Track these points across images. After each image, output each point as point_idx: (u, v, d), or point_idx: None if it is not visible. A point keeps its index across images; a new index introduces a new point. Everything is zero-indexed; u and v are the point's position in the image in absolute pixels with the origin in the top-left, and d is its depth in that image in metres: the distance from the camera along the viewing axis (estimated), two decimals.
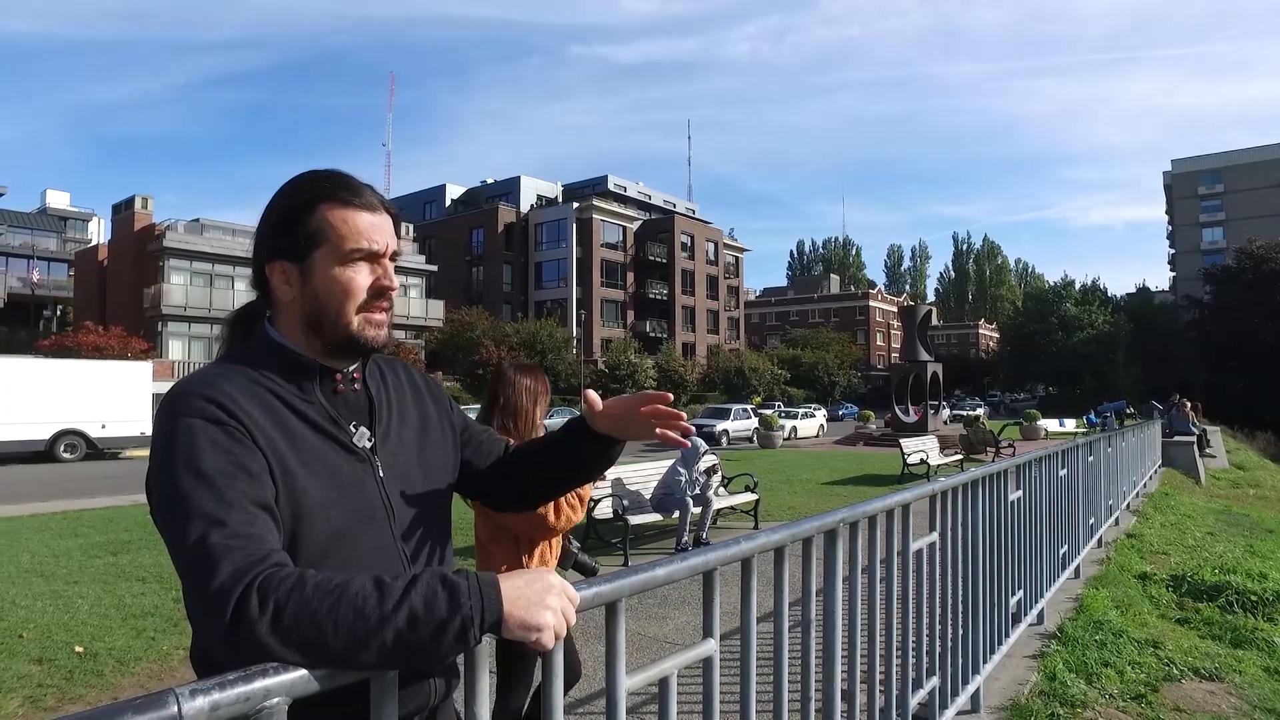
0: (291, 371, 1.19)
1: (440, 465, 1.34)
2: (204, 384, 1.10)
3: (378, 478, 1.20)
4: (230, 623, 0.89)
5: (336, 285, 1.18)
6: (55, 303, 46.35)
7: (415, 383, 1.40)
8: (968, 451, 17.69)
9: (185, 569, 0.97)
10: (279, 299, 1.22)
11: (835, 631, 2.13)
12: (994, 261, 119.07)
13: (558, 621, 0.98)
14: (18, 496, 13.20)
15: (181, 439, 1.03)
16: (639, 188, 67.14)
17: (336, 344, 1.20)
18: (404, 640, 0.89)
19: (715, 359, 57.00)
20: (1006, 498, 3.93)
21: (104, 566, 7.16)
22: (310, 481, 1.11)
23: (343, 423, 1.20)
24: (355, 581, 0.91)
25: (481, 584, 0.94)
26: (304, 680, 0.87)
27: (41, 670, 4.44)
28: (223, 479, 1.00)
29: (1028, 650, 4.39)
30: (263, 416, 1.10)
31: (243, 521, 0.98)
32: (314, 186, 1.21)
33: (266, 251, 1.22)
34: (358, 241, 1.18)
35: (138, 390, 24.29)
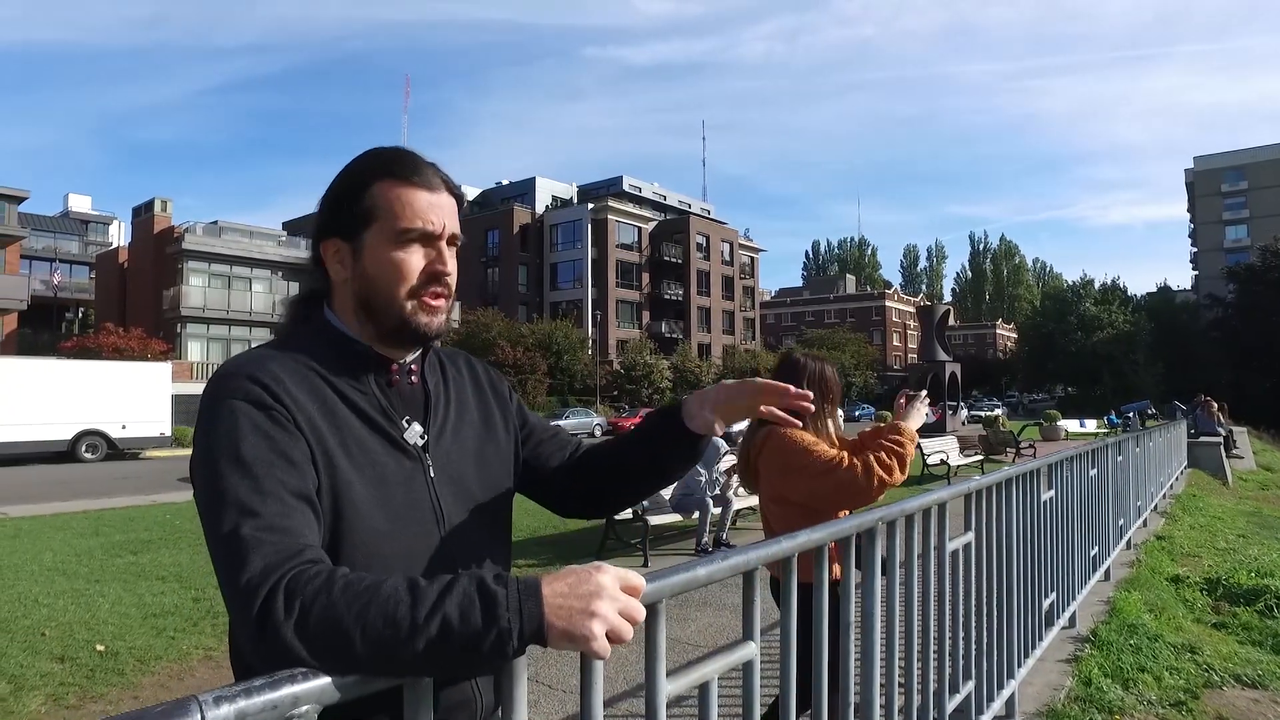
0: (345, 358, 1.12)
1: (499, 465, 1.26)
2: (251, 364, 1.04)
3: (428, 477, 1.13)
4: (256, 622, 0.83)
5: (388, 266, 1.11)
6: (77, 305, 46.90)
7: (478, 376, 1.32)
8: (987, 452, 17.49)
9: (217, 559, 0.92)
10: (334, 279, 1.16)
11: (874, 633, 2.06)
12: (1011, 261, 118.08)
13: (612, 626, 0.87)
14: (40, 496, 13.32)
15: (224, 421, 0.98)
16: (654, 188, 67.10)
17: (388, 329, 1.13)
18: (436, 650, 0.82)
19: (731, 359, 56.84)
20: (1039, 497, 3.83)
21: (125, 566, 7.18)
22: (355, 475, 1.05)
23: (395, 417, 1.13)
24: (387, 584, 0.84)
25: (522, 592, 0.85)
26: (334, 687, 0.81)
27: (63, 668, 4.45)
28: (261, 466, 0.95)
29: (1061, 654, 4.29)
30: (310, 402, 1.04)
31: (278, 513, 0.92)
32: (372, 162, 1.14)
33: (322, 228, 1.16)
34: (411, 221, 1.11)
35: (157, 391, 24.51)
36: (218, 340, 38.80)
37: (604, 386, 46.25)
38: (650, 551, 7.50)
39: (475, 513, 1.17)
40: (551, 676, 4.11)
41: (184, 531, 9.09)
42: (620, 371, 48.05)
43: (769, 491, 2.82)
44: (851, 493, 2.51)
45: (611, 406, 44.34)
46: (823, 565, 1.86)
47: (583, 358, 45.79)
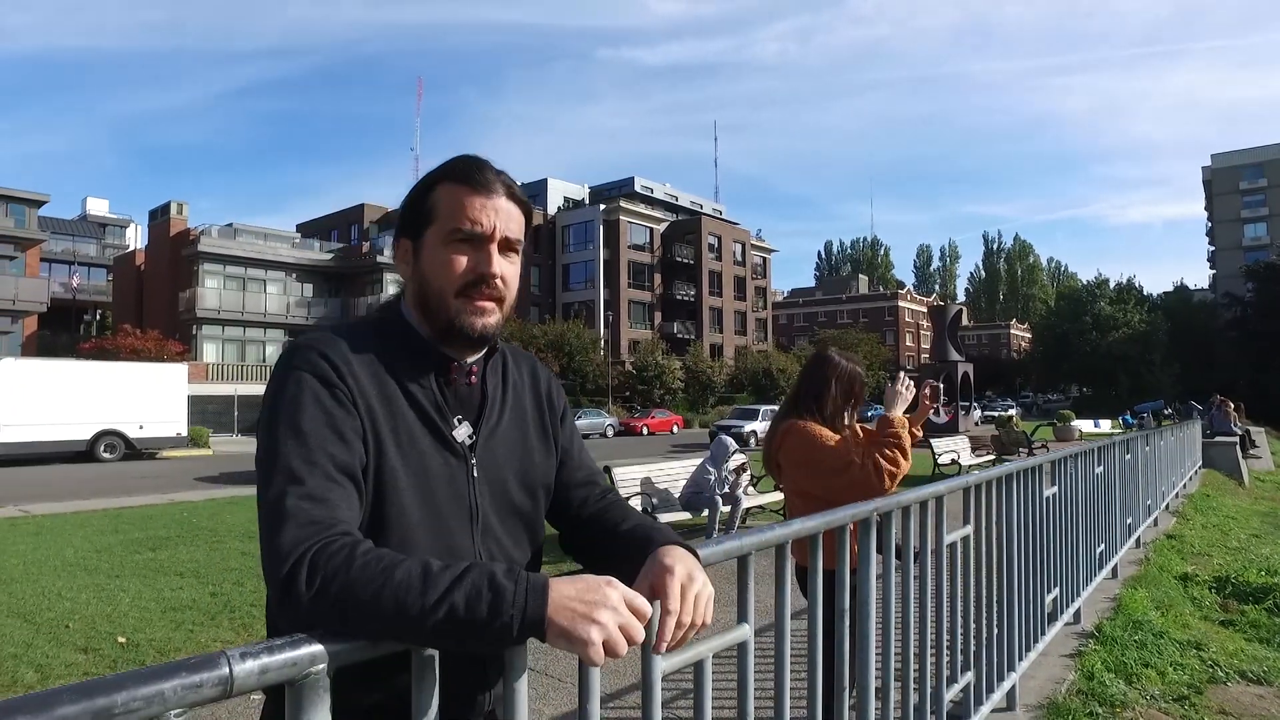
0: (410, 352, 1.18)
1: (539, 475, 1.29)
2: (325, 342, 1.11)
3: (470, 476, 1.17)
4: (280, 586, 0.91)
5: (438, 266, 1.16)
6: (95, 307, 47.43)
7: (539, 386, 1.35)
8: (1000, 452, 17.44)
9: (260, 517, 1.00)
10: (402, 277, 1.23)
11: (869, 621, 2.12)
12: (1025, 261, 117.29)
13: (610, 636, 0.91)
14: (61, 495, 13.53)
15: (289, 390, 1.05)
16: (666, 189, 67.09)
17: (440, 328, 1.18)
18: (441, 633, 0.89)
19: (743, 360, 56.78)
20: (1041, 493, 3.87)
21: (143, 562, 7.31)
22: (400, 464, 1.10)
23: (447, 414, 1.17)
24: (402, 568, 0.90)
25: (530, 589, 0.90)
26: (348, 650, 0.88)
27: (87, 659, 4.57)
28: (315, 439, 1.02)
29: (1064, 649, 4.32)
30: (371, 387, 1.10)
31: (321, 485, 0.99)
32: (443, 166, 1.20)
33: (397, 228, 1.24)
34: (460, 221, 1.15)
35: (174, 392, 24.78)
36: (233, 342, 39.18)
37: (616, 387, 46.32)
38: None
39: (510, 516, 1.23)
40: (561, 670, 4.19)
41: (200, 529, 9.23)
42: (632, 372, 48.09)
43: (791, 485, 2.95)
44: (864, 490, 2.62)
45: (624, 407, 44.42)
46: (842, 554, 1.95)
47: (595, 358, 45.86)
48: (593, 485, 1.38)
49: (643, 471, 8.86)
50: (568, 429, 1.39)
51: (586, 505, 1.34)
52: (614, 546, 1.24)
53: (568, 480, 1.35)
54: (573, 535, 1.35)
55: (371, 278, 42.33)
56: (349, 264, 43.22)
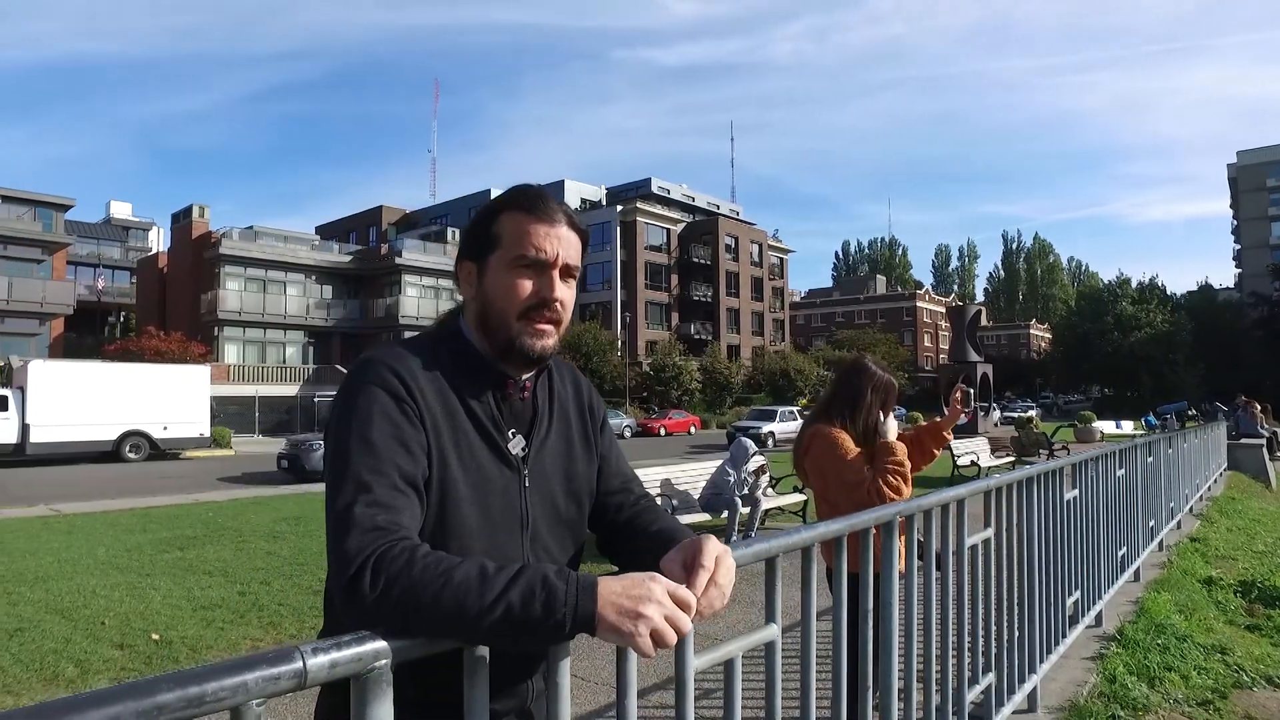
0: (470, 368, 1.25)
1: (582, 485, 1.36)
2: (394, 357, 1.18)
3: (523, 486, 1.24)
4: (346, 588, 0.97)
5: (502, 289, 1.23)
6: (119, 309, 48.12)
7: (581, 396, 1.42)
8: (1019, 453, 17.34)
9: (328, 522, 1.06)
10: (464, 297, 1.31)
11: (892, 622, 2.16)
12: (1045, 260, 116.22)
13: (656, 628, 0.97)
14: (90, 494, 13.78)
15: (361, 404, 1.12)
16: (682, 190, 67.09)
17: (500, 348, 1.25)
18: (497, 631, 0.95)
19: (760, 361, 56.68)
20: (1062, 496, 3.88)
21: (173, 561, 7.46)
22: (461, 475, 1.17)
23: (503, 429, 1.24)
24: (460, 569, 0.96)
25: (580, 588, 0.97)
26: (409, 647, 0.95)
27: (123, 655, 4.70)
28: (384, 450, 1.08)
29: (1086, 652, 4.33)
30: (435, 401, 1.17)
31: (388, 494, 1.05)
32: (509, 195, 1.27)
33: (460, 251, 1.31)
34: (525, 248, 1.22)
35: (197, 393, 25.13)
36: (254, 343, 39.58)
37: (633, 388, 46.38)
38: None
39: (556, 525, 1.30)
40: (584, 669, 4.24)
41: (226, 529, 9.38)
42: (649, 373, 48.11)
43: (817, 488, 3.05)
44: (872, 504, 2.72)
45: (641, 408, 44.46)
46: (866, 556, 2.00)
47: (612, 359, 45.93)
48: (628, 492, 1.44)
49: (662, 473, 8.91)
50: (607, 437, 1.45)
51: (622, 511, 1.41)
52: (642, 547, 1.30)
53: (605, 487, 1.42)
54: (610, 540, 1.42)
55: (390, 279, 42.63)
56: (367, 266, 43.56)
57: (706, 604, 1.08)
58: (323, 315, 41.68)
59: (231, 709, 0.79)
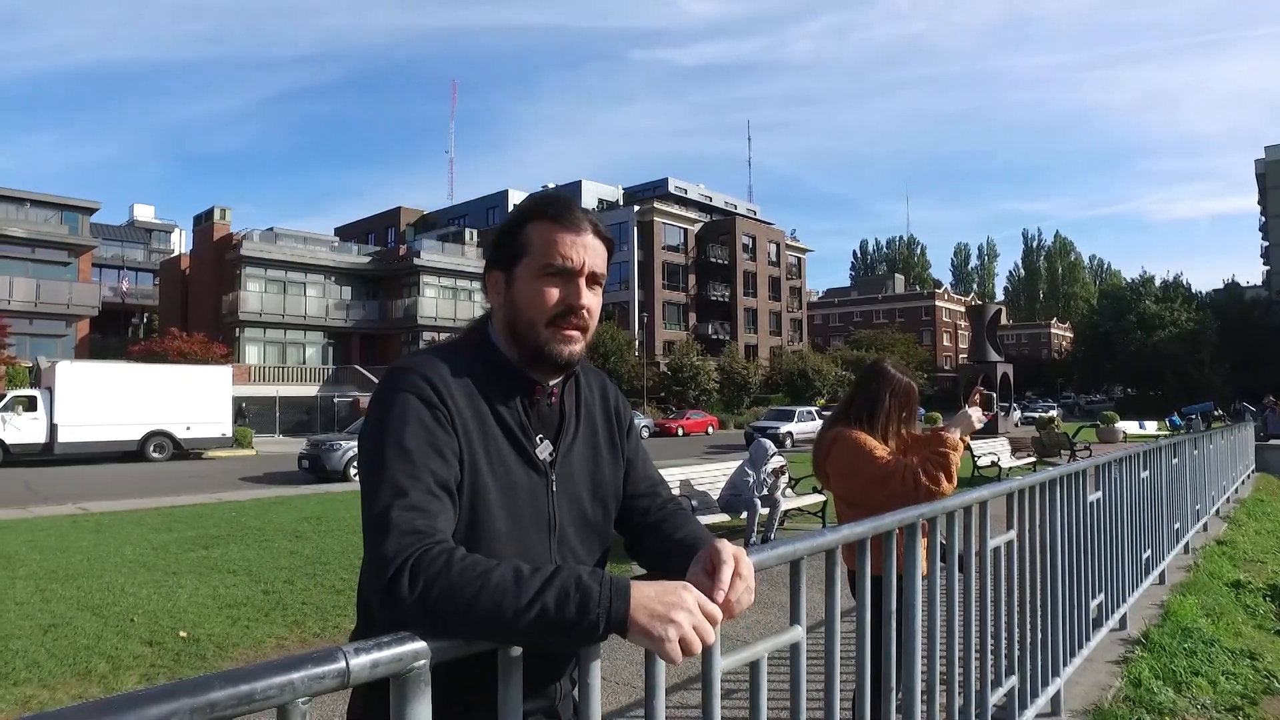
0: (500, 376, 1.27)
1: (609, 489, 1.38)
2: (426, 365, 1.21)
3: (550, 491, 1.27)
4: (385, 589, 1.00)
5: (530, 297, 1.26)
6: (143, 310, 48.78)
7: (608, 401, 1.44)
8: (1040, 454, 17.18)
9: (366, 525, 1.08)
10: (492, 305, 1.33)
11: (915, 624, 2.16)
12: (1066, 259, 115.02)
13: (685, 635, 0.99)
14: (115, 493, 14.00)
15: (395, 411, 1.15)
16: (700, 190, 67.04)
17: (528, 355, 1.27)
18: (533, 632, 0.98)
19: (778, 361, 56.53)
20: (1085, 499, 3.86)
21: (198, 559, 7.56)
22: (491, 480, 1.20)
23: (531, 434, 1.26)
24: (496, 571, 0.99)
25: (614, 591, 0.99)
26: (446, 647, 0.97)
27: (152, 652, 4.79)
28: (419, 456, 1.11)
29: (1110, 655, 4.29)
30: (466, 406, 1.20)
31: (423, 498, 1.08)
32: (534, 204, 1.30)
33: (487, 260, 1.34)
34: (553, 257, 1.25)
35: (219, 393, 25.42)
36: (274, 344, 39.98)
37: (651, 388, 46.39)
38: None
39: (583, 527, 1.32)
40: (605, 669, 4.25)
41: (250, 528, 9.50)
42: (667, 373, 48.12)
43: (838, 491, 3.01)
44: (906, 499, 2.64)
45: (659, 408, 44.47)
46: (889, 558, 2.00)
47: (629, 360, 45.98)
48: (655, 496, 1.46)
49: (681, 474, 8.92)
50: (633, 441, 1.47)
51: (649, 515, 1.42)
52: (669, 553, 1.32)
53: (631, 491, 1.44)
54: (636, 543, 1.43)
55: (408, 280, 42.91)
56: (386, 266, 43.87)
57: (735, 598, 1.10)
58: (342, 316, 42.03)
59: (278, 707, 0.82)
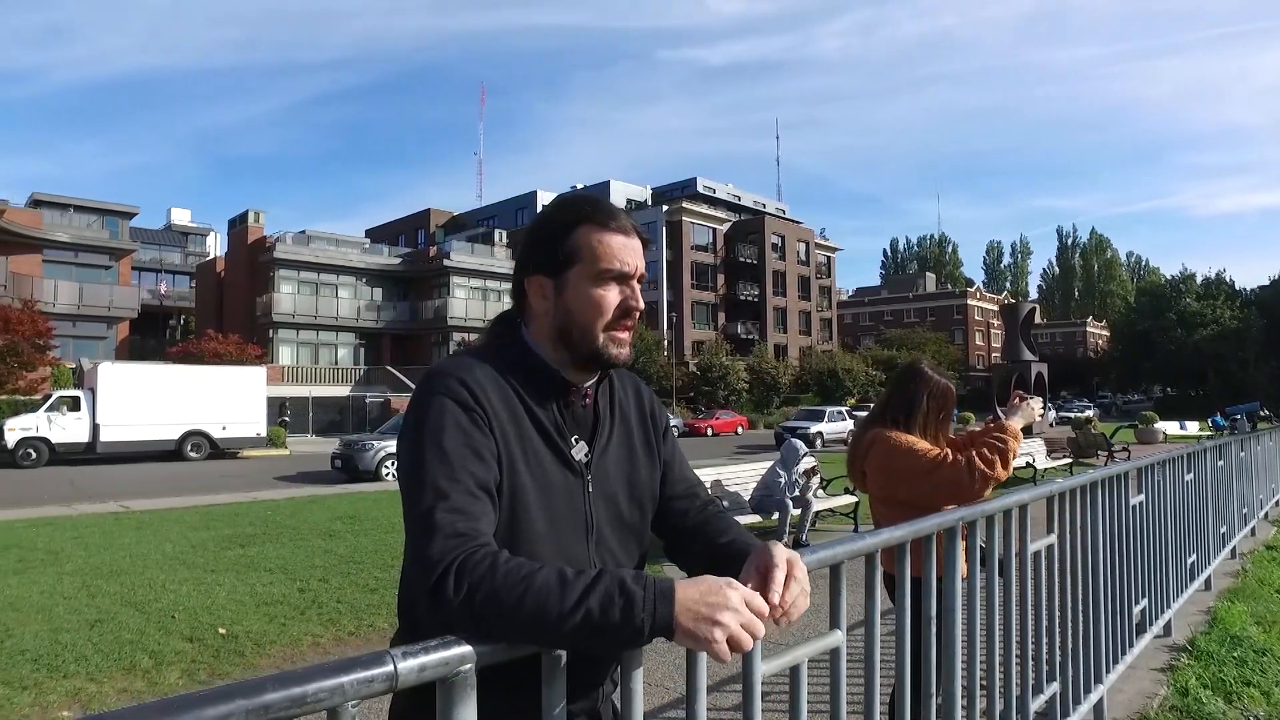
0: (534, 377, 1.27)
1: (645, 490, 1.38)
2: (461, 368, 1.21)
3: (586, 491, 1.27)
4: (430, 592, 1.00)
5: (588, 302, 1.26)
6: (179, 312, 49.79)
7: (643, 403, 1.45)
8: (1076, 455, 16.88)
9: (409, 528, 1.09)
10: (534, 310, 1.31)
11: (955, 629, 2.13)
12: (1103, 256, 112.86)
13: (733, 635, 0.98)
14: (155, 492, 14.30)
15: (433, 414, 1.16)
16: (728, 189, 66.83)
17: (582, 358, 1.28)
18: (578, 635, 0.97)
19: (808, 360, 56.19)
20: (1127, 502, 3.78)
21: (235, 557, 7.69)
22: (529, 481, 1.20)
23: (566, 435, 1.27)
24: (540, 575, 0.99)
25: (658, 594, 0.98)
26: (492, 652, 0.97)
27: (193, 648, 4.88)
28: (458, 458, 1.12)
29: (1155, 662, 4.20)
30: (503, 409, 1.20)
31: (465, 500, 1.09)
32: (576, 208, 1.29)
33: (528, 265, 1.32)
34: (610, 262, 1.26)
35: (253, 394, 25.86)
36: (306, 345, 40.57)
37: (680, 388, 46.36)
38: None
39: (620, 528, 1.32)
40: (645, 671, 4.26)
41: (285, 527, 9.64)
42: (696, 373, 48.06)
43: (877, 492, 2.95)
44: (956, 489, 2.60)
45: (688, 408, 44.43)
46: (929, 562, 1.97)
47: (659, 360, 45.99)
48: (694, 497, 1.46)
49: (712, 474, 8.90)
50: (669, 443, 1.47)
51: (688, 517, 1.42)
52: (716, 559, 1.32)
53: (669, 493, 1.44)
54: (676, 545, 1.43)
55: (438, 281, 43.31)
56: (416, 268, 44.32)
57: (790, 601, 1.10)
58: (373, 317, 42.54)
59: (329, 709, 0.83)
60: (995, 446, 2.65)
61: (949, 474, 2.63)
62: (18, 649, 4.83)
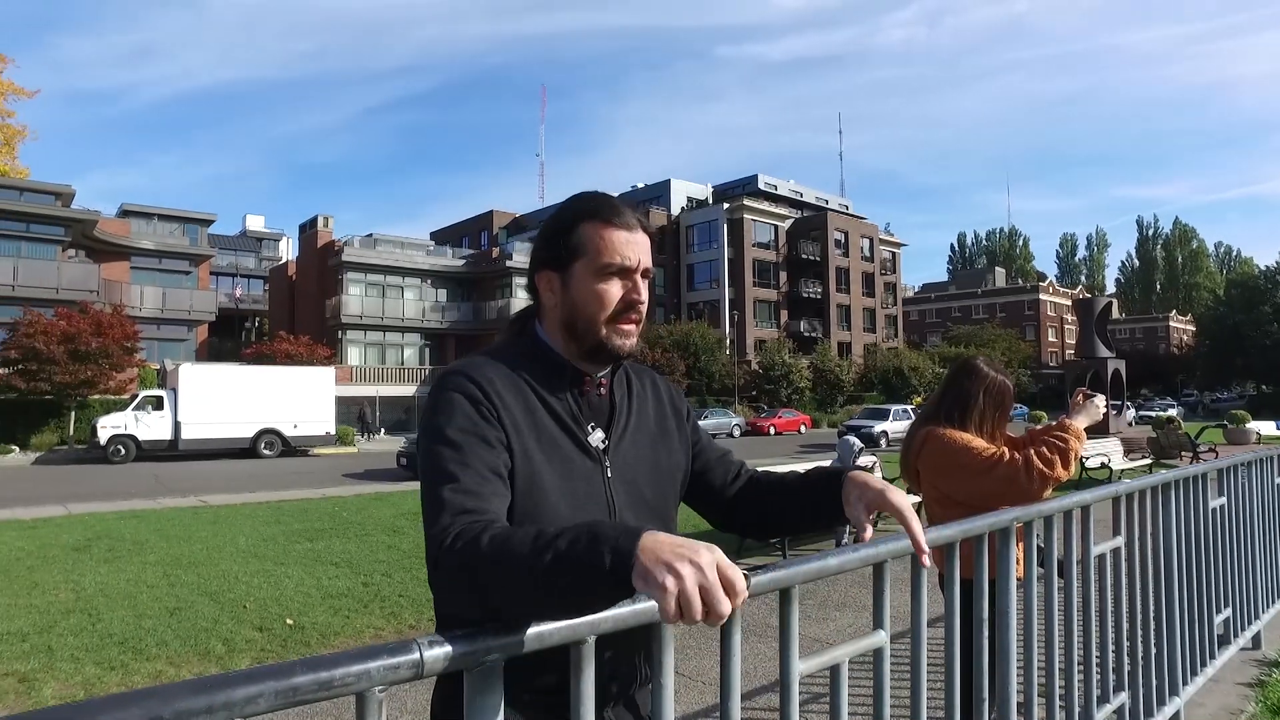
0: (547, 369, 1.32)
1: (669, 473, 1.42)
2: (472, 367, 1.27)
3: (605, 477, 1.30)
4: (433, 562, 1.06)
5: (591, 296, 1.30)
6: (254, 315, 51.77)
7: (660, 393, 1.49)
8: (1157, 456, 16.14)
9: (424, 509, 1.15)
10: (544, 304, 1.36)
11: (1010, 632, 2.06)
12: (1187, 246, 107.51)
13: (685, 591, 0.87)
14: (231, 487, 14.92)
15: (443, 408, 1.22)
16: (790, 185, 66.10)
17: (587, 349, 1.32)
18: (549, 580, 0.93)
19: (872, 358, 55.15)
20: (1206, 504, 3.60)
21: (304, 552, 7.96)
22: (545, 467, 1.24)
23: (582, 422, 1.31)
24: (520, 532, 1.01)
25: (624, 531, 0.93)
26: (517, 642, 0.99)
27: (263, 637, 5.08)
28: (466, 445, 1.17)
29: (1241, 677, 3.98)
30: (514, 402, 1.25)
31: (474, 481, 1.14)
32: (580, 205, 1.34)
33: (538, 261, 1.37)
34: (611, 257, 1.29)
35: (323, 393, 26.74)
36: (374, 345, 41.67)
37: (742, 386, 46.03)
38: (789, 550, 7.58)
39: (642, 512, 1.33)
40: (692, 669, 4.26)
41: (351, 523, 9.93)
42: (759, 371, 47.63)
43: (931, 492, 2.87)
44: (1013, 487, 2.52)
45: (750, 407, 44.08)
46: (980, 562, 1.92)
47: (720, 358, 45.72)
48: (728, 464, 1.54)
49: None
50: (695, 425, 1.52)
51: (729, 482, 1.50)
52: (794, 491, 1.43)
53: (706, 461, 1.50)
54: (731, 509, 1.49)
55: (500, 282, 43.98)
56: (479, 269, 45.10)
57: None
58: (438, 318, 43.44)
59: (356, 694, 0.85)
60: (1055, 445, 2.56)
61: (1005, 472, 2.54)
62: (107, 632, 5.13)
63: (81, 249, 34.06)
